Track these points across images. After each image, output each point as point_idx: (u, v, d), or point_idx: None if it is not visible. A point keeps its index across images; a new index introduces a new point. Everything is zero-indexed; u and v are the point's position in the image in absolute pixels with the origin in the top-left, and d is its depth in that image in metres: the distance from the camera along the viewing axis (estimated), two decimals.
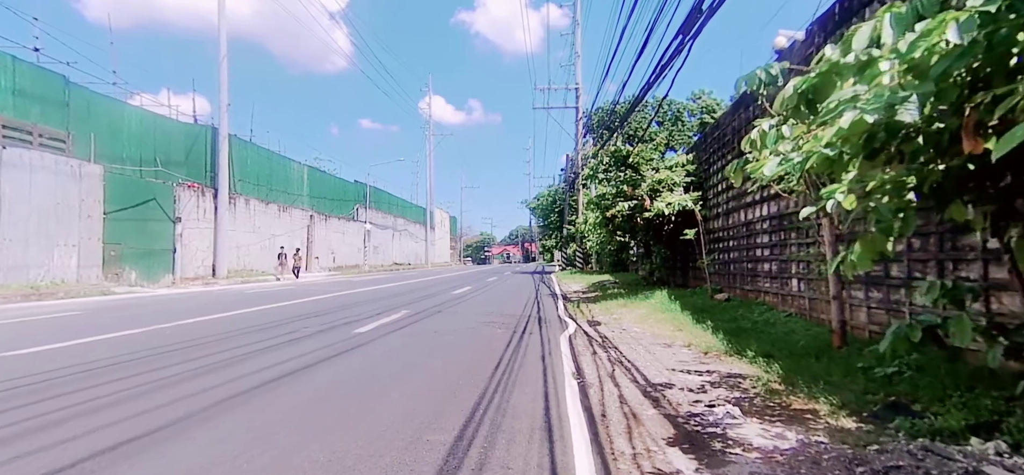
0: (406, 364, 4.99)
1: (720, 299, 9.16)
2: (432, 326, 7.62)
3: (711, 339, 6.30)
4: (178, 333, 6.71)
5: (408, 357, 5.34)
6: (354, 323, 7.76)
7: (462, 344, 6.13)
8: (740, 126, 9.12)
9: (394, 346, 5.98)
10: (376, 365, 4.92)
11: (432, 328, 7.40)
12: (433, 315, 9.02)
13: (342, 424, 3.14)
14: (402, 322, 8.02)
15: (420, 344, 6.09)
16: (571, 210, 33.31)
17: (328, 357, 5.22)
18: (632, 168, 12.18)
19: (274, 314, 8.99)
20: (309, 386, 4.11)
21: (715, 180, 10.71)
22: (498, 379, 4.36)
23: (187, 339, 6.21)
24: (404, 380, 4.32)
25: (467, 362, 5.06)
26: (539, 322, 8.29)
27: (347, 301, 11.60)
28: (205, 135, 19.52)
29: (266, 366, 4.74)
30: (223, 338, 6.35)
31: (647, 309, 9.51)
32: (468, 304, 11.19)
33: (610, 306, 10.47)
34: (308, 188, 27.98)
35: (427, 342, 6.22)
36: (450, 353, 5.54)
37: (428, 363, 5.02)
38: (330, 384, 4.19)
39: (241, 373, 4.47)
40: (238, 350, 5.54)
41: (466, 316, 8.91)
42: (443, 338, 6.52)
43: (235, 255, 20.53)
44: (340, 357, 5.27)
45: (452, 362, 5.06)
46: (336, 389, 4.04)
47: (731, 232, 9.75)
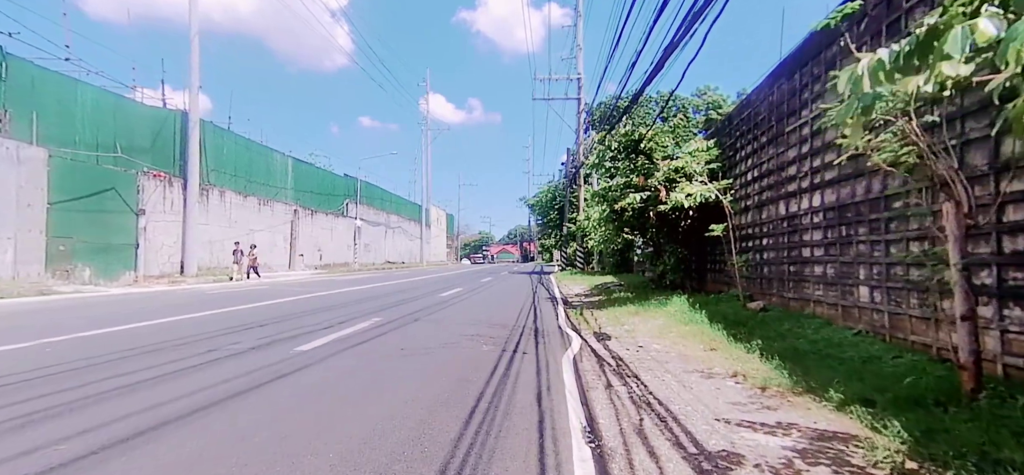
0: (333, 412, 3.42)
1: (754, 308, 7.61)
2: (401, 341, 6.05)
3: (763, 366, 4.75)
4: (62, 351, 5.13)
5: (345, 395, 3.77)
6: (303, 336, 6.19)
7: (431, 372, 4.56)
8: (781, 100, 7.56)
9: (334, 375, 4.41)
10: (286, 413, 3.35)
11: (400, 344, 5.83)
12: (407, 325, 7.46)
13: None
14: (365, 335, 6.45)
15: (373, 372, 4.52)
16: (571, 207, 31.74)
17: (225, 398, 3.64)
18: (645, 155, 10.61)
19: (215, 322, 7.42)
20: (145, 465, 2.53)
21: (743, 168, 9.15)
22: (467, 446, 2.80)
23: (61, 362, 4.64)
24: (310, 450, 2.75)
25: (428, 404, 3.50)
26: (536, 335, 6.73)
27: (314, 305, 10.03)
28: (173, 120, 17.91)
29: (128, 413, 3.17)
30: (115, 360, 4.78)
31: (665, 319, 7.96)
32: (455, 309, 9.63)
33: (619, 314, 8.91)
34: (292, 181, 26.37)
35: (384, 368, 4.66)
36: (409, 388, 3.97)
37: (368, 409, 3.45)
38: (179, 463, 2.61)
39: (86, 424, 2.91)
40: (119, 379, 3.98)
41: (448, 326, 7.35)
42: (408, 361, 4.95)
43: (207, 251, 18.94)
44: (245, 396, 3.70)
45: (406, 406, 3.50)
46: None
47: (765, 228, 8.19)
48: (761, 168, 8.36)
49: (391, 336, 6.42)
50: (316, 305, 10.02)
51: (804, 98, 6.82)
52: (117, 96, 16.15)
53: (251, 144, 23.32)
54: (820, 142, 6.39)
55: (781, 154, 7.54)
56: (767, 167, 8.09)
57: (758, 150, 8.50)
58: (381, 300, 11.33)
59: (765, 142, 8.18)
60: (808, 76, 6.65)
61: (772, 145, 7.89)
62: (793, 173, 7.13)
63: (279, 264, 24.69)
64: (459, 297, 12.51)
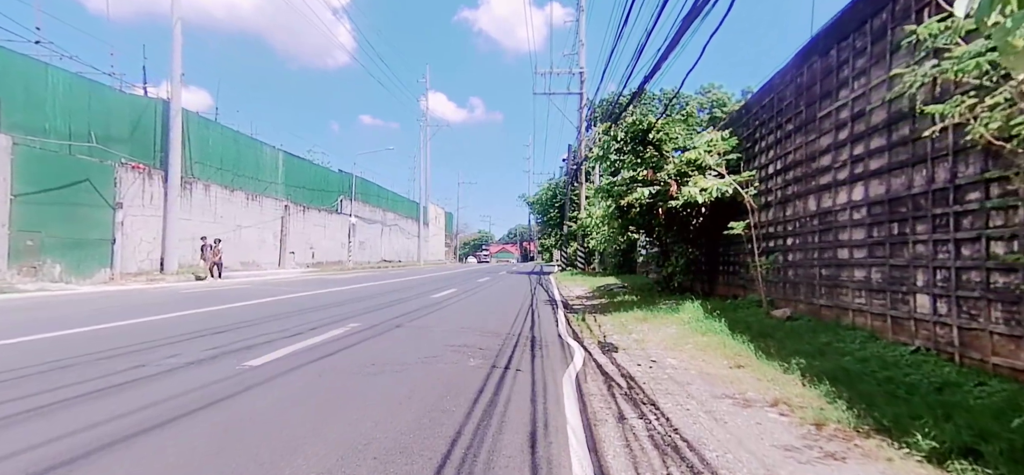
0: (248, 463, 2.53)
1: (779, 316, 6.73)
2: (374, 354, 5.17)
3: (809, 393, 3.88)
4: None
5: (278, 432, 2.88)
6: (261, 347, 5.32)
7: (399, 398, 3.68)
8: (812, 80, 6.69)
9: (276, 403, 3.52)
10: (182, 465, 2.46)
11: (371, 358, 4.95)
12: (387, 333, 6.58)
13: None
14: (334, 345, 5.57)
15: (325, 398, 3.65)
16: (572, 205, 30.85)
17: (112, 441, 2.76)
18: (654, 146, 9.73)
19: (169, 328, 6.55)
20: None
21: (763, 160, 8.28)
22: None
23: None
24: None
25: (383, 450, 2.62)
26: (533, 346, 5.86)
27: (290, 307, 9.16)
28: (154, 109, 17.00)
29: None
30: (13, 380, 3.90)
31: (678, 327, 7.09)
32: (445, 314, 8.76)
33: (625, 320, 8.04)
34: (283, 176, 25.46)
35: (342, 392, 3.78)
36: (365, 423, 3.09)
37: (297, 460, 2.56)
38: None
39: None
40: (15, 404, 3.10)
41: (434, 334, 6.48)
42: (375, 382, 4.07)
43: (190, 248, 18.05)
44: (141, 438, 2.81)
45: (355, 453, 2.62)
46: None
47: (790, 227, 7.32)
48: (785, 159, 7.49)
49: (364, 347, 5.54)
50: (292, 307, 9.14)
51: (843, 76, 5.94)
52: (92, 82, 15.24)
53: (239, 136, 22.41)
54: (863, 127, 5.52)
55: (811, 142, 6.67)
56: (793, 158, 7.22)
57: (782, 140, 7.63)
58: (366, 302, 10.45)
59: (791, 130, 7.31)
60: (849, 50, 5.77)
61: (800, 133, 7.01)
62: (827, 163, 6.26)
63: (268, 262, 23.82)
64: (452, 299, 11.64)
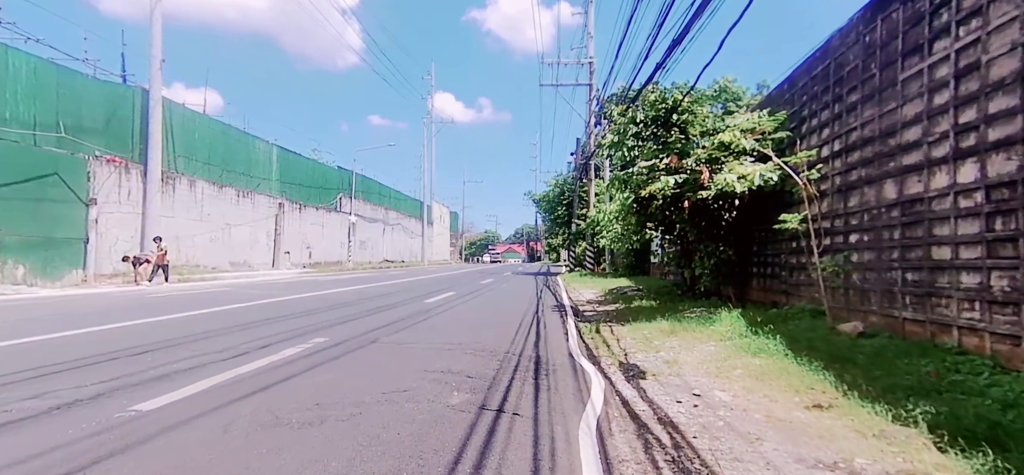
0: None
1: (847, 332, 5.36)
2: (324, 387, 3.88)
3: (950, 463, 2.54)
4: None
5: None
6: (179, 376, 4.06)
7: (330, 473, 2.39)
8: (889, 35, 5.32)
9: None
10: None
11: (316, 396, 3.66)
12: (355, 352, 5.29)
13: None
14: (278, 372, 4.29)
15: (218, 471, 2.36)
16: (581, 203, 29.49)
17: None
18: (679, 129, 8.39)
19: (88, 345, 5.34)
20: None
21: (814, 142, 6.90)
22: None
23: None
24: None
25: None
26: (536, 372, 4.55)
27: (253, 316, 7.92)
28: (132, 98, 15.87)
29: None
30: None
31: (717, 343, 5.75)
32: (435, 323, 7.47)
33: (648, 332, 6.71)
34: (278, 172, 24.31)
35: (241, 465, 2.48)
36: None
37: None
38: None
39: None
40: None
41: (414, 354, 5.19)
42: (301, 444, 2.77)
43: (174, 247, 16.92)
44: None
45: None
46: None
47: (854, 220, 5.95)
48: (847, 138, 6.12)
49: (316, 375, 4.25)
50: (256, 316, 7.89)
51: (941, 22, 4.57)
52: (61, 68, 14.12)
53: (229, 129, 21.28)
54: (976, 85, 4.15)
55: (889, 114, 5.30)
56: (860, 135, 5.85)
57: (842, 114, 6.26)
58: (349, 308, 9.19)
59: (856, 101, 5.94)
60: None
61: (870, 103, 5.64)
62: (914, 138, 4.89)
63: (261, 262, 22.68)
64: (448, 304, 10.35)
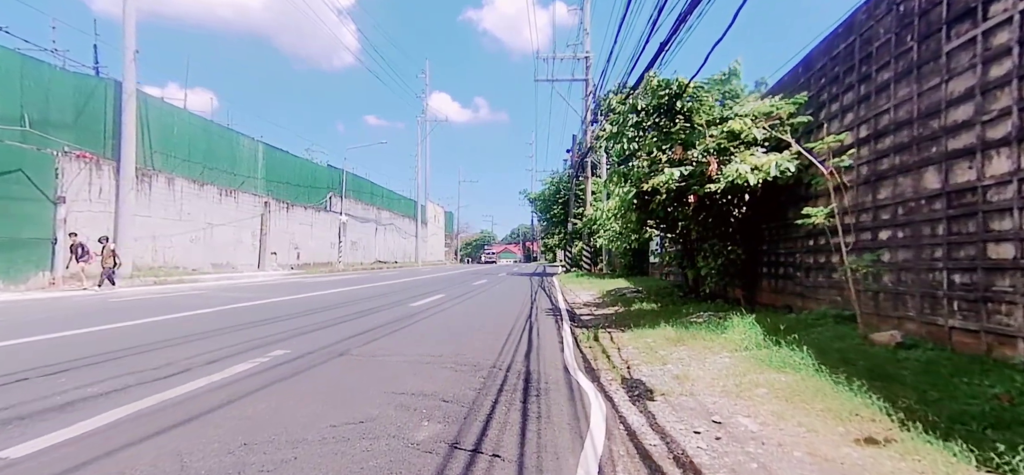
0: None
1: (883, 341, 4.67)
2: (262, 419, 3.15)
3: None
4: None
5: None
6: (88, 403, 3.34)
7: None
8: (923, 7, 4.65)
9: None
10: None
11: (248, 432, 2.93)
12: (316, 368, 4.57)
13: None
14: (214, 397, 3.56)
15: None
16: (577, 201, 28.82)
17: None
18: (684, 117, 7.71)
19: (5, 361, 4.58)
20: None
21: (838, 127, 6.22)
22: None
23: None
24: None
25: None
26: (526, 393, 3.85)
27: (210, 324, 7.18)
28: (104, 91, 15.05)
29: None
30: None
31: (732, 354, 5.06)
32: (416, 331, 6.75)
33: (653, 340, 6.02)
34: (264, 170, 23.49)
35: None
36: None
37: None
38: None
39: None
40: None
41: (383, 371, 4.47)
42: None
43: (150, 248, 16.14)
44: None
45: None
46: None
47: (888, 214, 5.27)
48: (877, 123, 5.44)
49: (256, 402, 3.53)
50: (215, 324, 7.15)
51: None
52: (26, 58, 13.29)
53: (211, 125, 20.45)
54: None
55: (931, 91, 4.62)
56: (892, 118, 5.18)
57: (870, 96, 5.58)
58: (324, 313, 8.46)
59: (888, 79, 5.26)
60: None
61: (906, 80, 4.97)
62: (965, 117, 4.21)
63: (246, 264, 21.87)
64: (435, 308, 9.63)
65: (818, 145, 5.15)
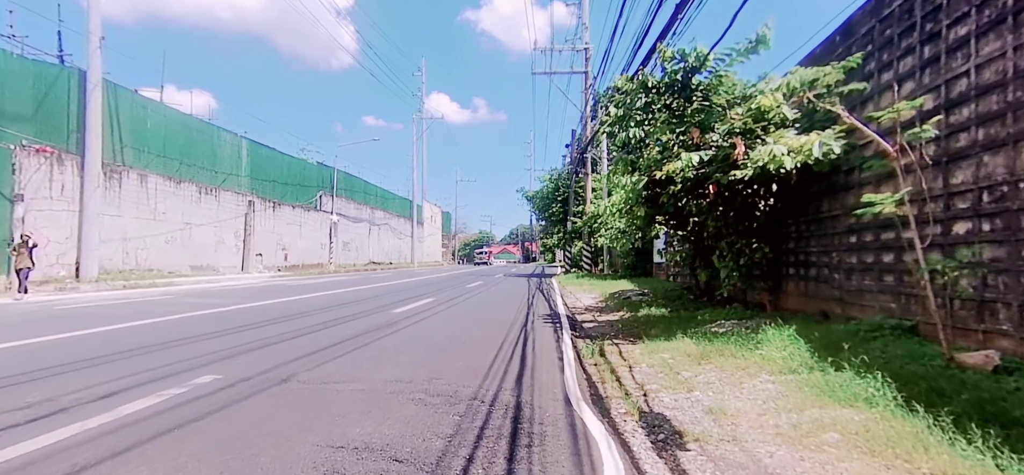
0: None
1: (976, 364, 3.63)
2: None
3: None
4: None
5: None
6: None
7: None
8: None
9: None
10: None
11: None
12: (233, 406, 3.52)
13: None
14: (62, 462, 2.51)
15: None
16: (577, 199, 27.79)
17: None
18: (702, 95, 6.69)
19: None
20: None
21: (896, 96, 5.18)
22: None
23: None
24: None
25: None
26: (512, 444, 2.81)
27: (139, 339, 6.14)
28: (67, 80, 13.97)
29: None
30: None
31: (775, 376, 4.03)
32: (389, 345, 5.71)
33: (668, 354, 4.98)
34: (248, 168, 22.40)
35: None
36: None
37: None
38: None
39: None
40: None
41: (327, 408, 3.43)
42: None
43: (121, 250, 15.07)
44: None
45: None
46: None
47: (971, 202, 4.24)
48: (949, 90, 4.41)
49: (115, 469, 2.48)
50: (151, 339, 6.10)
51: None
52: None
53: (189, 119, 19.36)
54: None
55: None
56: (973, 82, 4.15)
57: (939, 58, 4.55)
58: (289, 324, 7.42)
59: (966, 36, 4.24)
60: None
61: (995, 32, 3.94)
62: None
63: (228, 265, 20.78)
64: (419, 315, 8.60)
65: (884, 115, 4.13)
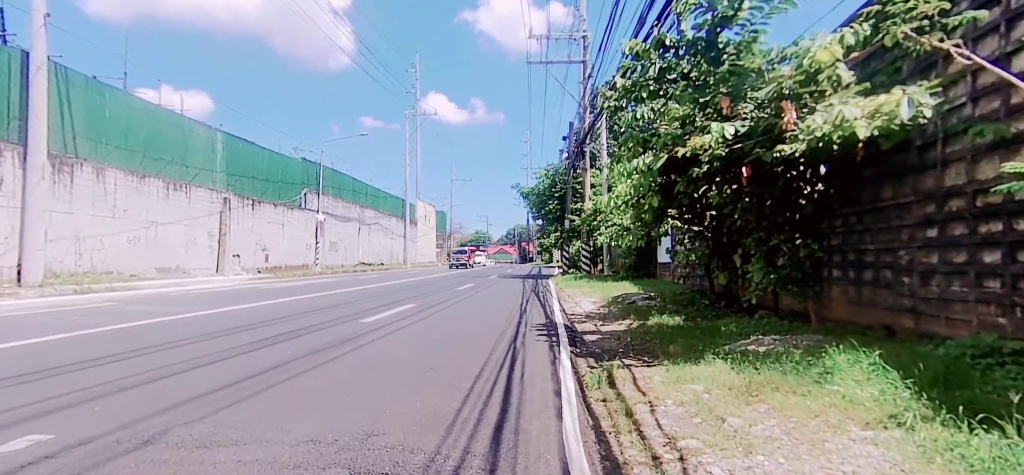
0: None
1: None
2: None
3: None
4: None
5: None
6: None
7: None
8: None
9: None
10: None
11: None
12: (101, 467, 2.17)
13: None
14: None
15: None
16: (575, 196, 26.49)
17: None
18: (734, 53, 5.39)
19: None
20: None
21: (1013, 35, 3.88)
22: None
23: None
24: None
25: None
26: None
27: (45, 361, 4.79)
28: (8, 62, 12.57)
29: None
30: None
31: (872, 431, 2.71)
32: (327, 377, 4.38)
33: (701, 386, 3.67)
34: (224, 163, 20.99)
35: None
36: None
37: None
38: None
39: None
40: None
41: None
42: None
43: (74, 250, 13.68)
44: None
45: None
46: None
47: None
48: None
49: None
50: (11, 369, 4.75)
51: None
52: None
53: (155, 110, 17.95)
54: None
55: None
56: None
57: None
58: (226, 339, 6.08)
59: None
60: None
61: None
62: None
63: (201, 267, 19.39)
64: (390, 326, 7.28)
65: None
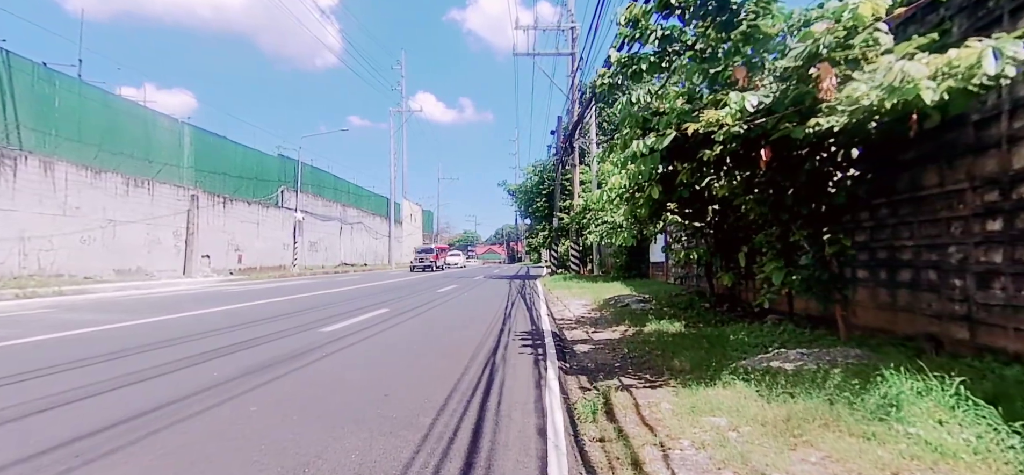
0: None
1: None
2: None
3: None
4: None
5: None
6: None
7: None
8: None
9: None
10: None
11: None
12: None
13: None
14: None
15: None
16: (564, 193, 25.66)
17: None
18: (750, 17, 4.55)
19: None
20: None
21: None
22: None
23: None
24: None
25: None
26: None
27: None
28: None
29: None
30: None
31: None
32: (267, 397, 3.43)
33: (726, 419, 2.82)
34: (192, 158, 19.76)
35: None
36: None
37: None
38: None
39: None
40: None
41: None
42: None
43: (17, 251, 12.48)
44: None
45: None
46: None
47: None
48: None
49: None
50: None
51: None
52: None
53: (113, 100, 16.72)
54: None
55: None
56: None
57: None
58: (147, 356, 5.10)
59: None
60: None
61: None
62: None
63: (165, 269, 18.17)
64: (351, 337, 6.34)
65: None
